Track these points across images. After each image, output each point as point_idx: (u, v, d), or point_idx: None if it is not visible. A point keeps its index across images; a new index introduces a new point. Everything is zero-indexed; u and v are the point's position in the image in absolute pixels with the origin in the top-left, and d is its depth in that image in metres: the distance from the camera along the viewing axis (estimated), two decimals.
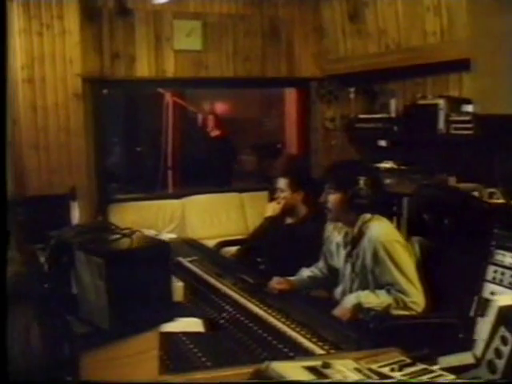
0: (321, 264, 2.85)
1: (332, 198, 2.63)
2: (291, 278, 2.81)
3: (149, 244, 1.57)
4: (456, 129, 4.82)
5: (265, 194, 5.81)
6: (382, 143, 5.84)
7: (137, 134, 7.90)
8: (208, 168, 7.33)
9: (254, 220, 5.60)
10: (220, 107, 7.88)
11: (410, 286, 2.42)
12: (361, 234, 2.55)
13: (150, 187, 7.12)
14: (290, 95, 6.56)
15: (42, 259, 2.84)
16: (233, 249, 4.07)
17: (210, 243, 5.15)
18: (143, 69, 5.30)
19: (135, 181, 6.93)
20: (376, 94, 6.23)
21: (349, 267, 2.62)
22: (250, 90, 7.58)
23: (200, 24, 5.44)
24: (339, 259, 2.72)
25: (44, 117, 4.83)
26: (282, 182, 3.58)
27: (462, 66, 4.82)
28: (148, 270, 1.49)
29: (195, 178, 7.27)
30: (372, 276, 2.51)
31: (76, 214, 3.12)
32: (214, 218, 5.49)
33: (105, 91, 5.34)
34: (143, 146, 7.87)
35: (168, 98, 7.22)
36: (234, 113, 8.02)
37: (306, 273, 2.85)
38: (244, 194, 5.73)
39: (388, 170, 5.22)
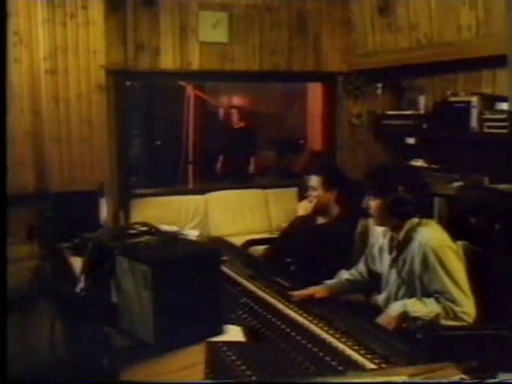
0: (361, 267, 2.71)
1: (373, 205, 2.48)
2: (329, 282, 2.66)
3: (198, 250, 1.44)
4: (490, 127, 4.65)
5: (289, 191, 5.69)
6: (410, 141, 5.67)
7: (156, 127, 7.76)
8: (229, 163, 7.20)
9: (278, 217, 5.48)
10: (241, 101, 7.72)
11: (460, 295, 2.27)
12: (408, 239, 2.40)
13: (170, 182, 7.01)
14: (315, 90, 6.42)
15: (72, 259, 2.72)
16: (260, 248, 3.93)
17: (234, 241, 5.04)
18: (168, 61, 5.17)
19: (155, 175, 6.81)
20: (403, 90, 6.07)
21: (394, 273, 2.47)
22: (272, 83, 7.44)
23: (226, 15, 5.30)
24: (382, 264, 2.57)
25: (66, 109, 4.72)
26: (314, 181, 3.44)
27: (496, 62, 4.65)
28: (197, 279, 1.36)
29: (216, 173, 7.15)
30: (420, 283, 2.36)
31: (104, 212, 2.99)
32: (237, 214, 5.36)
33: (128, 83, 5.21)
34: (163, 139, 7.74)
35: (189, 91, 7.10)
36: (255, 107, 7.86)
37: (345, 275, 2.70)
38: (268, 191, 5.59)
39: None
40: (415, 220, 2.41)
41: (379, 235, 2.62)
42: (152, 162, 7.34)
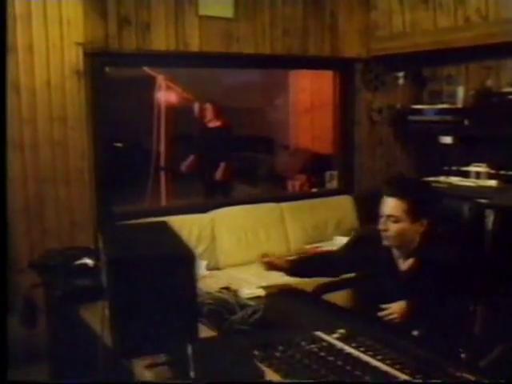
0: None
1: None
2: None
3: None
4: None
5: (305, 204, 4.65)
6: (447, 140, 4.77)
7: (117, 126, 6.38)
8: (209, 168, 6.03)
9: (296, 237, 4.42)
10: (217, 94, 6.52)
11: None
12: None
13: (139, 193, 5.77)
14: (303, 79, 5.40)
15: None
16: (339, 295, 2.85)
17: (248, 270, 3.95)
18: (160, 40, 3.95)
19: (121, 186, 5.46)
20: (425, 80, 5.17)
21: None
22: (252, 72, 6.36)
23: None
24: None
25: (31, 102, 3.42)
26: (395, 207, 2.38)
27: None
28: None
29: (194, 180, 5.98)
30: None
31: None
32: (250, 236, 4.23)
33: (107, 69, 3.94)
34: (125, 140, 6.44)
35: (160, 81, 5.86)
36: (232, 101, 6.69)
37: None
38: (283, 205, 4.49)
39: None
40: None
41: None
42: (113, 169, 5.99)
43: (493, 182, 4.10)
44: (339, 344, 1.89)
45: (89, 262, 2.04)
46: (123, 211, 4.19)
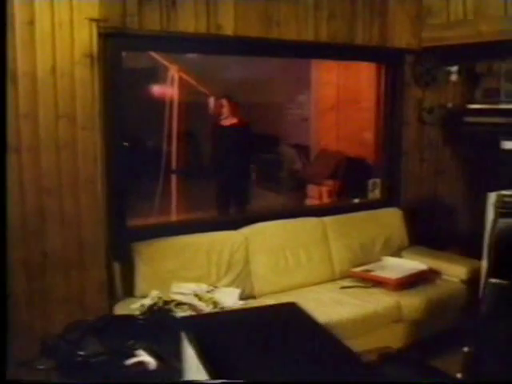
0: None
1: None
2: None
3: None
4: None
5: (347, 217, 3.98)
6: (510, 146, 4.12)
7: (123, 122, 5.66)
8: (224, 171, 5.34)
9: (341, 258, 3.75)
10: (237, 88, 5.81)
11: None
12: None
13: (145, 202, 5.07)
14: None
15: None
16: None
17: (288, 300, 3.27)
18: (188, 21, 3.25)
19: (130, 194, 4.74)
20: (478, 77, 4.53)
21: None
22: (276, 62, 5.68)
23: None
24: None
25: (32, 93, 2.71)
26: None
27: None
28: None
29: (210, 185, 5.30)
30: None
31: None
32: (289, 258, 3.55)
33: (124, 53, 3.24)
34: (132, 139, 5.71)
35: (173, 72, 5.16)
36: (255, 97, 5.95)
37: None
38: (326, 219, 3.82)
39: None
40: None
41: None
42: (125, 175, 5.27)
43: None
44: None
45: (148, 360, 1.30)
46: (135, 226, 3.51)
